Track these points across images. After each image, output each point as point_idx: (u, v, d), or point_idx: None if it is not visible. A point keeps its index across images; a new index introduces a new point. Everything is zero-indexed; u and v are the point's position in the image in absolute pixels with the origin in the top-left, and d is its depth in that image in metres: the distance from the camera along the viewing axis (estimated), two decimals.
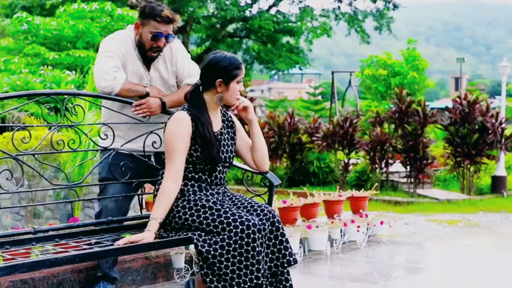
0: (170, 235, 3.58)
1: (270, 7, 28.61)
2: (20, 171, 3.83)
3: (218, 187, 3.76)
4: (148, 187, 5.83)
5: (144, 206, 4.44)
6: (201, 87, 3.74)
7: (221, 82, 3.68)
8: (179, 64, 4.18)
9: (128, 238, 3.40)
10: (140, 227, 3.83)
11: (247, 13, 27.94)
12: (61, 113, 3.83)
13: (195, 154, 3.64)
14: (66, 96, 3.89)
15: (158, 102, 4.04)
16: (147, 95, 4.02)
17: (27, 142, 3.77)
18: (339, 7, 29.00)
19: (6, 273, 2.88)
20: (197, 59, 26.75)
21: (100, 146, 4.03)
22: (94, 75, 4.02)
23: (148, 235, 3.44)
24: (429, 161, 13.52)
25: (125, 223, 4.03)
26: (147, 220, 3.60)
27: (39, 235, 3.64)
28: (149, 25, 3.99)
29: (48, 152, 3.79)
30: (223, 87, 3.69)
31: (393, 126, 14.31)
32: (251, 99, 15.33)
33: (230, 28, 29.02)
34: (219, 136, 3.74)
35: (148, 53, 4.05)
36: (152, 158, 4.14)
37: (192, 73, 4.16)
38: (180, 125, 3.61)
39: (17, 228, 3.91)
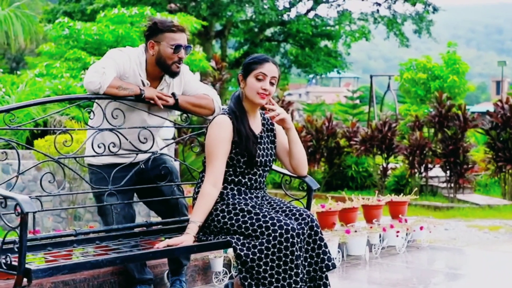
0: (209, 238, 3.59)
1: (308, 11, 28.57)
2: (62, 174, 3.89)
3: (258, 191, 3.76)
4: (187, 190, 5.87)
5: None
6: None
7: (241, 77, 3.71)
8: (189, 86, 4.07)
9: (167, 241, 3.43)
10: (180, 230, 3.85)
11: (285, 17, 27.95)
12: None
13: (235, 158, 3.66)
14: (106, 100, 3.92)
15: (171, 96, 3.94)
16: (141, 95, 3.84)
17: (68, 146, 3.82)
18: (378, 10, 28.82)
19: (48, 275, 2.93)
20: (234, 63, 26.88)
21: (140, 150, 4.01)
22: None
23: (187, 238, 3.46)
24: (469, 165, 13.34)
25: (165, 226, 4.06)
26: (186, 223, 3.62)
27: (80, 237, 3.69)
28: (165, 39, 3.85)
29: (89, 155, 3.83)
30: (243, 82, 3.71)
31: (432, 130, 14.16)
32: (289, 103, 15.29)
33: (268, 32, 29.06)
34: (258, 140, 3.74)
35: (172, 67, 3.89)
36: (142, 165, 3.99)
37: (205, 91, 4.09)
38: (221, 129, 3.62)
39: (58, 230, 3.97)
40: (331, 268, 3.58)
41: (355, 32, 28.10)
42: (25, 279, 2.89)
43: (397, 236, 5.97)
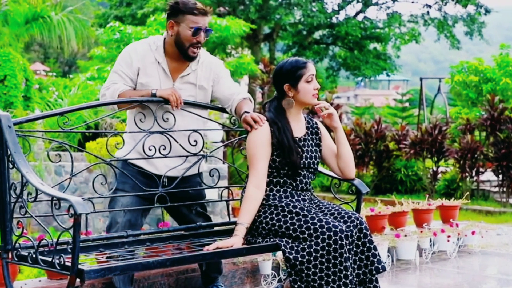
0: (257, 240, 3.61)
1: (357, 13, 28.41)
2: (113, 176, 3.94)
3: (304, 193, 3.77)
4: (235, 193, 5.88)
5: (231, 212, 4.50)
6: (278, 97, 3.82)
7: (289, 86, 3.74)
8: (220, 83, 3.95)
9: (217, 244, 3.45)
10: (230, 233, 3.86)
11: (334, 19, 27.85)
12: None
13: (277, 160, 3.68)
14: (156, 103, 3.94)
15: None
16: (153, 96, 3.77)
17: (120, 148, 3.88)
18: (428, 12, 28.48)
19: (100, 275, 2.97)
20: None
21: (190, 152, 4.02)
22: None
23: (236, 240, 3.48)
24: None
25: (214, 228, 4.08)
26: (234, 225, 3.64)
27: (131, 239, 3.73)
28: (186, 21, 3.73)
29: (140, 158, 3.86)
30: (293, 90, 3.73)
31: (484, 133, 13.91)
32: (337, 106, 15.19)
33: (317, 35, 28.99)
34: (302, 142, 3.76)
35: (188, 51, 3.77)
36: (165, 181, 3.87)
37: (238, 93, 3.92)
38: (259, 132, 3.67)
39: None
40: (381, 270, 3.56)
41: (404, 34, 27.84)
42: (78, 279, 2.93)
43: (448, 240, 5.89)
